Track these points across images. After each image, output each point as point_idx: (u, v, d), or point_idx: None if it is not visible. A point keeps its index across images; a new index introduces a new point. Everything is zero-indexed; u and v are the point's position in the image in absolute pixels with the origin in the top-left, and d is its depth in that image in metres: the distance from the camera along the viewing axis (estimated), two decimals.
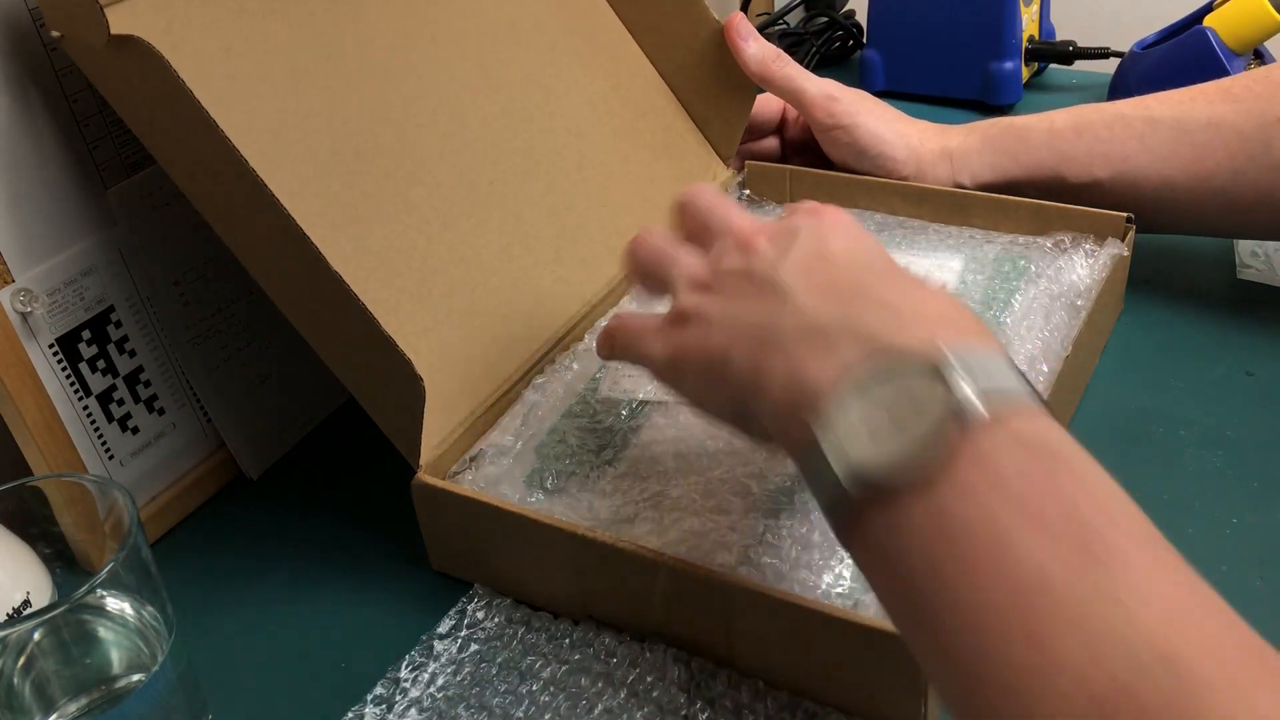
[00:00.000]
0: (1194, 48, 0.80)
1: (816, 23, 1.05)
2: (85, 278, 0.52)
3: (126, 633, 0.40)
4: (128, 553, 0.37)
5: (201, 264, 0.56)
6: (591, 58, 0.67)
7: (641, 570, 0.44)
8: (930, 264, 0.64)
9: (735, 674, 0.45)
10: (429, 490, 0.49)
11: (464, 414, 0.52)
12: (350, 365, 0.49)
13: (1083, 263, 0.62)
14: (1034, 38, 0.94)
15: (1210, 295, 0.67)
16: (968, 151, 0.67)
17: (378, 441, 0.51)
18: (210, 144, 0.44)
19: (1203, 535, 0.50)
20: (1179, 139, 0.62)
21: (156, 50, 0.43)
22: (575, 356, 0.57)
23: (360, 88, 0.53)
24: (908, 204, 0.68)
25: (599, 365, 0.56)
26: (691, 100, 0.71)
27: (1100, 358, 0.62)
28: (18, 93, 0.48)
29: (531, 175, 0.60)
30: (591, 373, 0.56)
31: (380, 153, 0.53)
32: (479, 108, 0.59)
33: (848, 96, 0.69)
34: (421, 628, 0.48)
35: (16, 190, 0.49)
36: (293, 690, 0.47)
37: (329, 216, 0.49)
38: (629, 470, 0.50)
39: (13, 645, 0.38)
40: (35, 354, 0.50)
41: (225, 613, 0.52)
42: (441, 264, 0.53)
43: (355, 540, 0.55)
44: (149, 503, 0.56)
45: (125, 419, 0.54)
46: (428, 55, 0.57)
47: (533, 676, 0.45)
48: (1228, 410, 0.58)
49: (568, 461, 0.51)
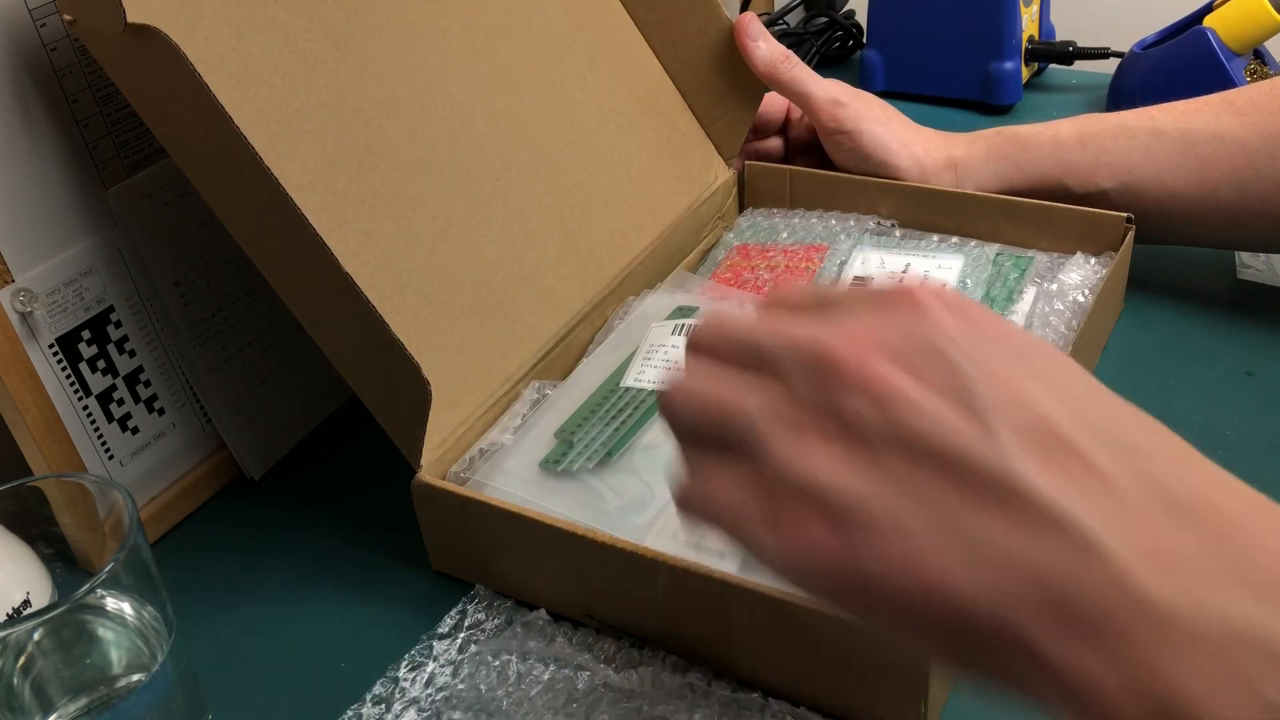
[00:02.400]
0: (1194, 48, 0.80)
1: (816, 23, 1.05)
2: (85, 278, 0.52)
3: (126, 633, 0.40)
4: (128, 553, 0.37)
5: (201, 264, 0.56)
6: (599, 54, 0.67)
7: (641, 570, 0.44)
8: (931, 264, 0.64)
9: (736, 676, 0.45)
10: (429, 490, 0.49)
11: (465, 413, 0.52)
12: (355, 364, 0.49)
13: (1083, 263, 0.62)
14: (1034, 38, 0.94)
15: (1210, 295, 0.67)
16: (972, 161, 0.67)
17: (378, 441, 0.51)
18: (221, 134, 0.44)
19: None
20: (1184, 151, 0.62)
21: (171, 40, 0.43)
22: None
23: (369, 80, 0.53)
24: (908, 205, 0.68)
25: (625, 355, 0.57)
26: (697, 99, 0.71)
27: (1100, 358, 0.62)
28: (17, 93, 0.48)
29: (536, 173, 0.60)
30: (616, 363, 0.57)
31: (388, 146, 0.53)
32: (486, 103, 0.59)
33: (854, 101, 0.69)
34: (421, 628, 0.48)
35: (16, 190, 0.49)
36: (293, 690, 0.47)
37: (337, 211, 0.49)
38: (642, 462, 0.50)
39: (13, 645, 0.38)
40: (35, 354, 0.50)
41: (225, 613, 0.52)
42: (446, 261, 0.53)
43: (355, 540, 0.55)
44: (149, 503, 0.56)
45: (125, 419, 0.54)
46: (436, 48, 0.57)
47: (532, 677, 0.45)
48: (1228, 410, 0.58)
49: (585, 447, 0.51)
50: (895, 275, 0.63)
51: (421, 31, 0.57)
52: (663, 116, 0.70)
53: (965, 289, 0.61)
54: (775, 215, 0.72)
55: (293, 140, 0.48)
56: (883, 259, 0.65)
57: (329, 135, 0.50)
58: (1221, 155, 0.61)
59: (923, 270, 0.63)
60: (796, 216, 0.71)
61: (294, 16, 0.51)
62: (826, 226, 0.69)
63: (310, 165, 0.49)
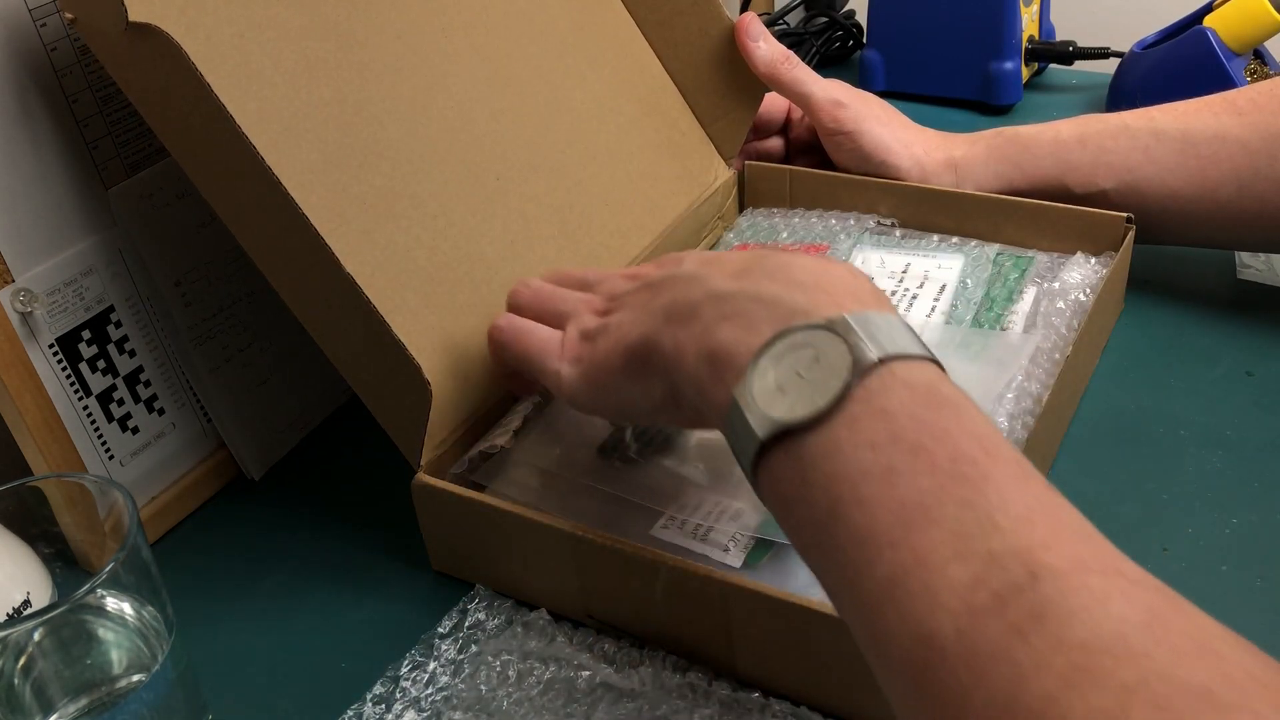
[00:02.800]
0: (1194, 48, 0.80)
1: (816, 23, 1.05)
2: (85, 278, 0.52)
3: (126, 633, 0.40)
4: (128, 553, 0.37)
5: (201, 264, 0.56)
6: (600, 54, 0.67)
7: (642, 570, 0.44)
8: (931, 264, 0.64)
9: (736, 676, 0.45)
10: (429, 490, 0.49)
11: (465, 413, 0.52)
12: (356, 364, 0.49)
13: (1083, 263, 0.62)
14: (1034, 38, 0.94)
15: (1210, 295, 0.67)
16: (972, 161, 0.67)
17: (378, 441, 0.51)
18: (222, 133, 0.44)
19: (1203, 535, 0.50)
20: (1184, 151, 0.62)
21: (172, 38, 0.43)
22: None
23: (370, 79, 0.53)
24: (908, 205, 0.68)
25: None
26: (698, 99, 0.71)
27: (1100, 358, 0.62)
28: (17, 93, 0.48)
29: (536, 172, 0.60)
30: None
31: (389, 145, 0.53)
32: (487, 102, 0.59)
33: (855, 102, 0.69)
34: (421, 628, 0.48)
35: (16, 190, 0.49)
36: (293, 690, 0.47)
37: (339, 210, 0.49)
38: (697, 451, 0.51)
39: (13, 645, 0.38)
40: (35, 354, 0.50)
41: (225, 613, 0.52)
42: (447, 261, 0.53)
43: (355, 540, 0.55)
44: (149, 503, 0.56)
45: (125, 419, 0.54)
46: (437, 47, 0.57)
47: (532, 678, 0.45)
48: (1228, 410, 0.58)
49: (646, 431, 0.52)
50: (895, 275, 0.64)
51: (423, 31, 0.57)
52: (663, 116, 0.70)
53: (965, 289, 0.61)
54: (775, 215, 0.72)
55: (294, 139, 0.48)
56: (883, 259, 0.65)
57: (330, 134, 0.50)
58: (1222, 155, 0.61)
59: (923, 270, 0.63)
60: (796, 216, 0.71)
61: (295, 15, 0.51)
62: (826, 226, 0.69)
63: (311, 164, 0.49)
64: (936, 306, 0.61)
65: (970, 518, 0.31)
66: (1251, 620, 0.38)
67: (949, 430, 0.33)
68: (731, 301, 0.39)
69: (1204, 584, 0.48)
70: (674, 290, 0.42)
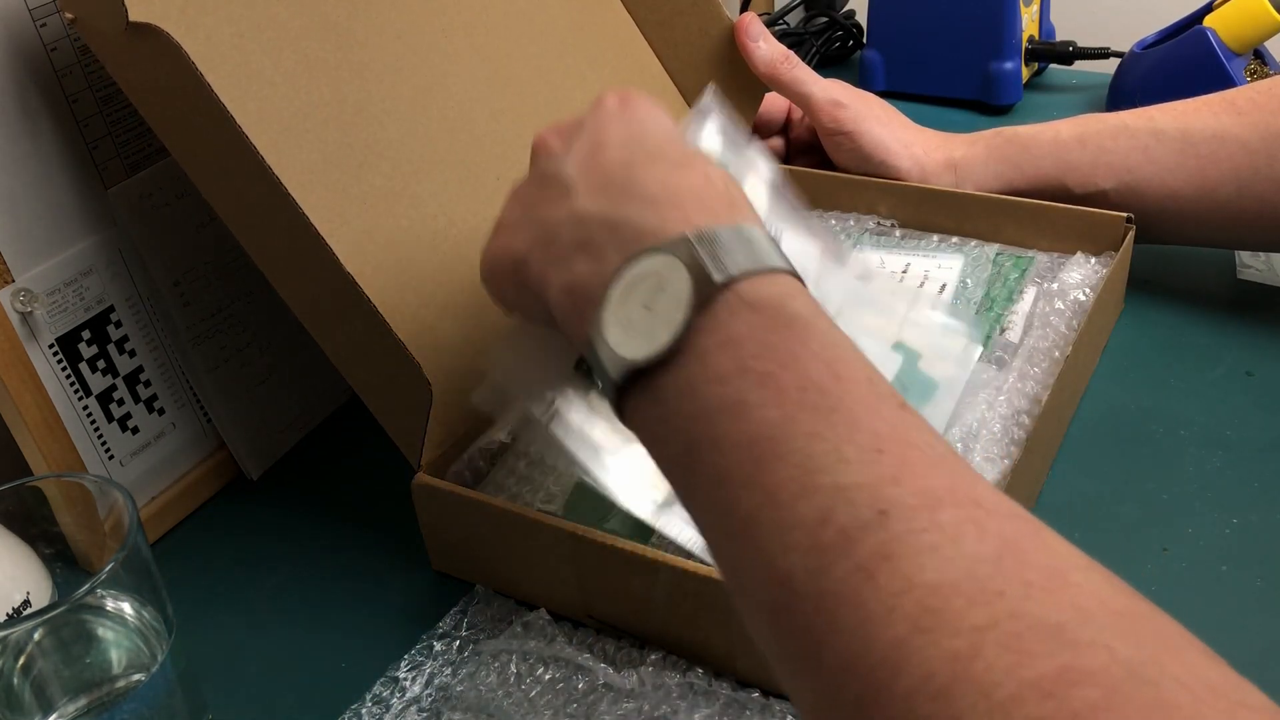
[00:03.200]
0: (1194, 48, 0.80)
1: (816, 23, 1.05)
2: (85, 278, 0.52)
3: (126, 633, 0.40)
4: (128, 553, 0.37)
5: (201, 264, 0.56)
6: (600, 53, 0.67)
7: (642, 570, 0.44)
8: (931, 264, 0.64)
9: (736, 676, 0.45)
10: (429, 490, 0.49)
11: (465, 413, 0.52)
12: (356, 364, 0.49)
13: (1083, 263, 0.62)
14: (1034, 38, 0.94)
15: (1210, 295, 0.67)
16: (972, 162, 0.67)
17: (378, 441, 0.51)
18: (222, 132, 0.44)
19: (1203, 535, 0.50)
20: (1184, 150, 0.62)
21: (172, 38, 0.43)
22: None
23: (370, 79, 0.53)
24: (908, 205, 0.68)
25: None
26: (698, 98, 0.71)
27: (1100, 358, 0.62)
28: (17, 93, 0.48)
29: None
30: None
31: (389, 145, 0.53)
32: (487, 102, 0.59)
33: (855, 102, 0.69)
34: (421, 628, 0.48)
35: (16, 190, 0.49)
36: (293, 690, 0.47)
37: (339, 210, 0.49)
38: None
39: (13, 645, 0.38)
40: (35, 354, 0.50)
41: (225, 613, 0.52)
42: (447, 261, 0.53)
43: (355, 540, 0.55)
44: (149, 503, 0.56)
45: (125, 419, 0.54)
46: (437, 47, 0.57)
47: (532, 678, 0.45)
48: (1228, 410, 0.58)
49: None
50: (895, 275, 0.64)
51: (423, 30, 0.57)
52: None
53: (965, 289, 0.61)
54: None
55: (294, 139, 0.48)
56: (883, 258, 0.65)
57: (330, 134, 0.50)
58: (1221, 155, 0.61)
59: (923, 270, 0.63)
60: None
61: (295, 15, 0.51)
62: (826, 226, 0.69)
63: (311, 164, 0.49)
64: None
65: (819, 450, 0.29)
66: (1251, 620, 0.38)
67: (797, 354, 0.31)
68: (585, 227, 0.37)
69: (1204, 584, 0.48)
70: (547, 202, 0.39)
